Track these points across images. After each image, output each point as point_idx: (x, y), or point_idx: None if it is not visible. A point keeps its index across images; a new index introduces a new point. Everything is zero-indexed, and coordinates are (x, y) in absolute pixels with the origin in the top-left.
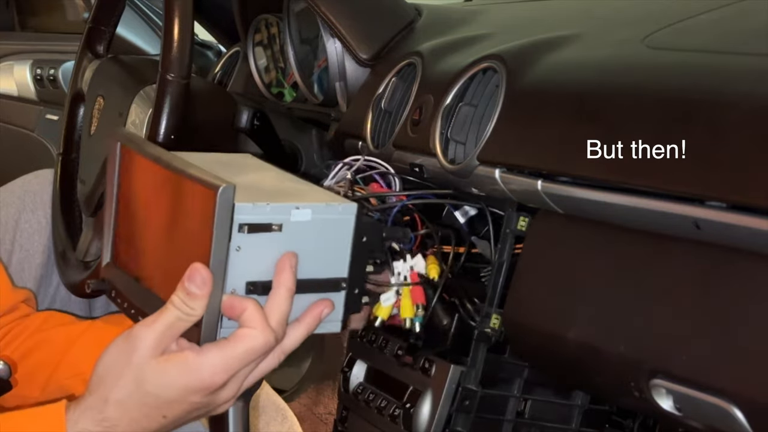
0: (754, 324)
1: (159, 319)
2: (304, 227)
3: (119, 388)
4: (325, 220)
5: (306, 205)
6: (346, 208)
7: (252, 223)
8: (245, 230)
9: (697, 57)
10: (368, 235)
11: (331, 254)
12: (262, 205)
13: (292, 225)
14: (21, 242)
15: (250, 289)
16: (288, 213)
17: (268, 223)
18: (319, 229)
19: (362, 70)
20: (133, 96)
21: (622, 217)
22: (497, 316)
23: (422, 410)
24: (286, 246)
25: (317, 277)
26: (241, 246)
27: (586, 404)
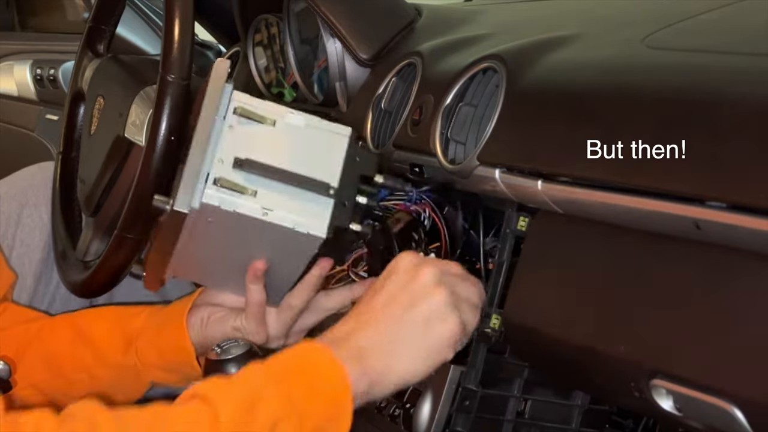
0: (754, 324)
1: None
2: (297, 131)
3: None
4: (318, 132)
5: (302, 114)
6: (339, 128)
7: (245, 109)
8: (238, 112)
9: (697, 57)
10: (361, 157)
11: (323, 161)
12: (259, 100)
13: (286, 125)
14: (22, 237)
15: (238, 163)
16: (283, 113)
17: (262, 115)
18: (311, 137)
19: (362, 70)
20: (134, 96)
21: (622, 217)
22: (497, 316)
23: (422, 410)
24: (278, 139)
25: (308, 175)
26: (233, 126)
27: (586, 404)
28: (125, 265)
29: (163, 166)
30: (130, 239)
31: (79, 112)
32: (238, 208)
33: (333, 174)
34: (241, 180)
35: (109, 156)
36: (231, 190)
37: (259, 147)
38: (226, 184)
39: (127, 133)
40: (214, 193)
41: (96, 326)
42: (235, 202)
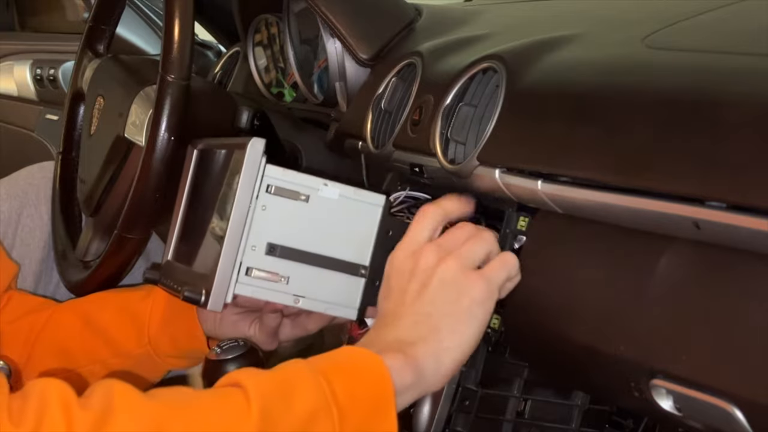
0: (754, 324)
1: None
2: (330, 205)
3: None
4: (351, 204)
5: (335, 185)
6: (374, 198)
7: (279, 186)
8: (272, 191)
9: (697, 57)
10: (394, 230)
11: (355, 239)
12: (292, 173)
13: (319, 199)
14: (22, 237)
15: (270, 249)
16: (317, 187)
17: (296, 191)
18: (345, 211)
19: (362, 70)
20: (134, 96)
21: (622, 217)
22: (497, 316)
23: (422, 410)
24: (311, 218)
25: (339, 258)
26: (266, 206)
27: (586, 404)
28: (125, 265)
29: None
30: (130, 239)
31: (79, 112)
32: (270, 297)
33: (364, 254)
34: (274, 267)
35: (109, 156)
36: (263, 279)
37: (291, 227)
38: (259, 275)
39: (127, 133)
40: (246, 284)
41: (104, 314)
42: (267, 291)
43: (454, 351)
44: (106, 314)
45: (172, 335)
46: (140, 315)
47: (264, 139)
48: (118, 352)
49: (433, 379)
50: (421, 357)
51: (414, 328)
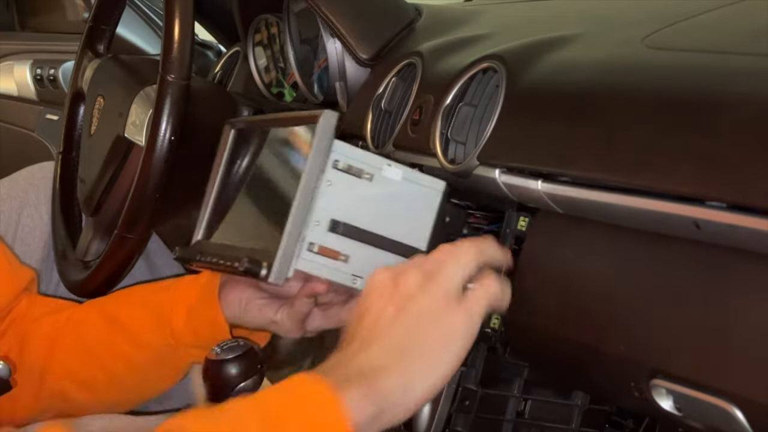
0: (754, 324)
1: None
2: (393, 186)
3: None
4: (413, 186)
5: (399, 166)
6: (435, 182)
7: (346, 163)
8: (338, 166)
9: (697, 57)
10: (451, 217)
11: (413, 222)
12: (357, 150)
13: (383, 179)
14: (22, 237)
15: (333, 226)
16: (381, 166)
17: (361, 168)
18: (406, 193)
19: (362, 70)
20: (134, 96)
21: (622, 217)
22: (497, 316)
23: (422, 410)
24: (373, 197)
25: (397, 240)
26: (332, 182)
27: (586, 404)
28: (125, 265)
29: (163, 166)
30: (130, 239)
31: (79, 112)
32: (329, 275)
33: (422, 238)
34: (335, 245)
35: (109, 156)
36: (324, 255)
37: (354, 205)
38: (321, 250)
39: (127, 133)
40: (308, 260)
41: (126, 310)
42: (327, 268)
43: (423, 383)
44: (126, 309)
45: (194, 325)
46: (162, 306)
47: (337, 113)
48: (140, 345)
49: (398, 411)
50: (387, 388)
51: (383, 357)
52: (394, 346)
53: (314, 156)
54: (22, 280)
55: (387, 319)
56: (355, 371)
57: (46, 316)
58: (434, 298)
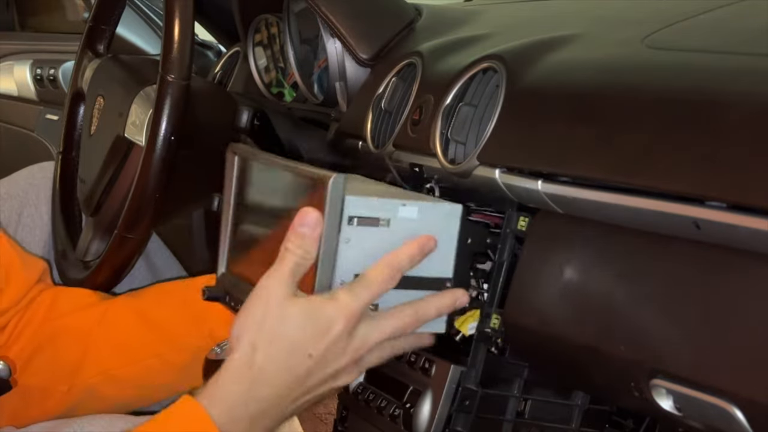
0: (754, 324)
1: (282, 265)
2: (410, 224)
3: (264, 332)
4: (430, 219)
5: (413, 203)
6: (452, 209)
7: (361, 216)
8: (354, 222)
9: (697, 57)
10: (472, 236)
11: (436, 253)
12: (371, 199)
13: (399, 221)
14: (22, 236)
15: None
16: (395, 209)
17: (376, 217)
18: (425, 227)
19: (362, 70)
20: (134, 96)
21: (622, 217)
22: (497, 316)
23: (422, 410)
24: (393, 241)
25: (423, 275)
26: (350, 238)
27: (586, 404)
28: (125, 265)
29: (163, 166)
30: (131, 239)
31: (79, 112)
32: None
33: (447, 266)
34: None
35: (109, 156)
36: None
37: (376, 253)
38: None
39: (127, 133)
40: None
41: (162, 311)
42: None
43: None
44: (163, 310)
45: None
46: (199, 308)
47: (345, 174)
48: (177, 347)
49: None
50: (266, 426)
51: (279, 408)
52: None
53: (329, 221)
54: (34, 272)
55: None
56: (244, 414)
57: (78, 311)
58: (348, 379)
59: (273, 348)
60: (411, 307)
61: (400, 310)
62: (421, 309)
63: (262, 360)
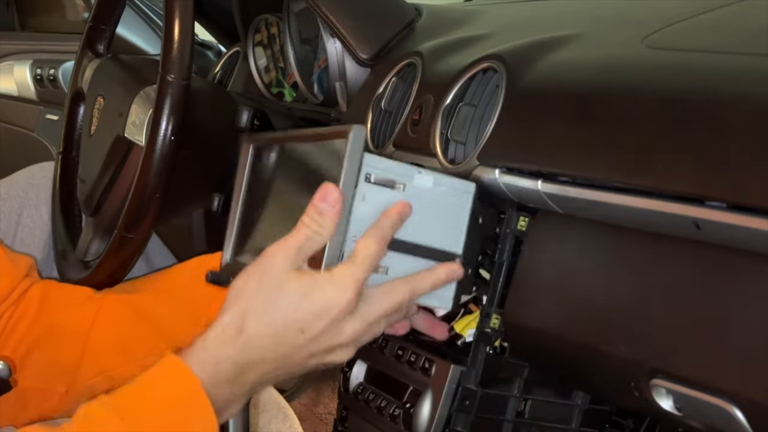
0: (754, 324)
1: (291, 238)
2: (424, 193)
3: (260, 301)
4: (444, 192)
5: (429, 173)
6: (466, 185)
7: (378, 175)
8: (371, 179)
9: (697, 57)
10: (484, 217)
11: (448, 227)
12: (388, 161)
13: (414, 188)
14: (22, 237)
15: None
16: (412, 175)
17: (393, 179)
18: (438, 199)
19: (362, 70)
20: (134, 96)
21: (622, 217)
22: (497, 316)
23: (422, 410)
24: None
25: (434, 246)
26: (366, 196)
27: (586, 404)
28: (125, 265)
29: (163, 166)
30: (130, 239)
31: (79, 112)
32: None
33: (457, 241)
34: None
35: (109, 156)
36: None
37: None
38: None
39: (127, 133)
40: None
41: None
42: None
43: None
44: (161, 307)
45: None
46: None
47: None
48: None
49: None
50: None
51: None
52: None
53: (347, 172)
54: (21, 267)
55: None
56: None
57: (72, 308)
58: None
59: (264, 318)
60: (406, 283)
61: (395, 287)
62: (417, 284)
63: (253, 328)
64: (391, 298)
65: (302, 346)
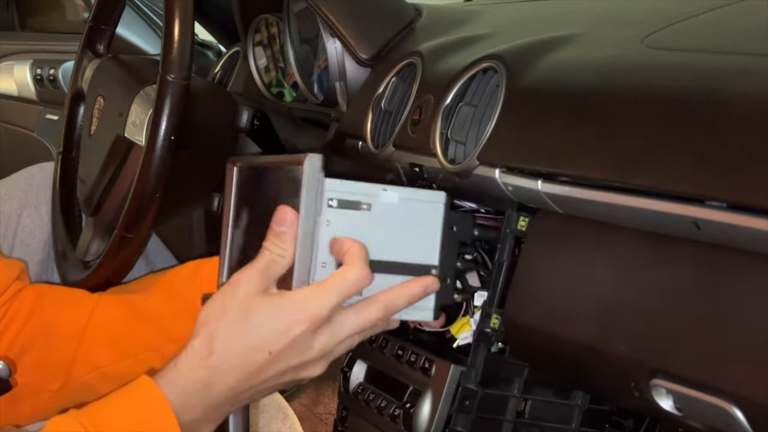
0: (753, 324)
1: (256, 263)
2: (392, 209)
3: (226, 323)
4: (413, 205)
5: (394, 188)
6: (434, 195)
7: (341, 199)
8: (334, 204)
9: (697, 57)
10: (458, 225)
11: (421, 240)
12: (350, 182)
13: (381, 206)
14: (22, 237)
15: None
16: (377, 194)
17: (357, 200)
18: (407, 213)
19: (362, 70)
20: (134, 96)
21: (622, 217)
22: (497, 316)
23: (422, 410)
24: (375, 226)
25: (409, 261)
26: (330, 221)
27: (586, 404)
28: (125, 265)
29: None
30: (131, 239)
31: (79, 112)
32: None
33: (433, 253)
34: None
35: (109, 156)
36: None
37: (357, 237)
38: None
39: (127, 133)
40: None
41: (154, 305)
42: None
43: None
44: (154, 304)
45: None
46: (191, 297)
47: (321, 155)
48: (172, 338)
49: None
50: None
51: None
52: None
53: (305, 200)
54: (13, 269)
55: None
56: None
57: (66, 307)
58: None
59: (232, 340)
60: (378, 302)
61: (368, 305)
62: (390, 302)
63: (221, 350)
64: (362, 317)
65: (270, 365)
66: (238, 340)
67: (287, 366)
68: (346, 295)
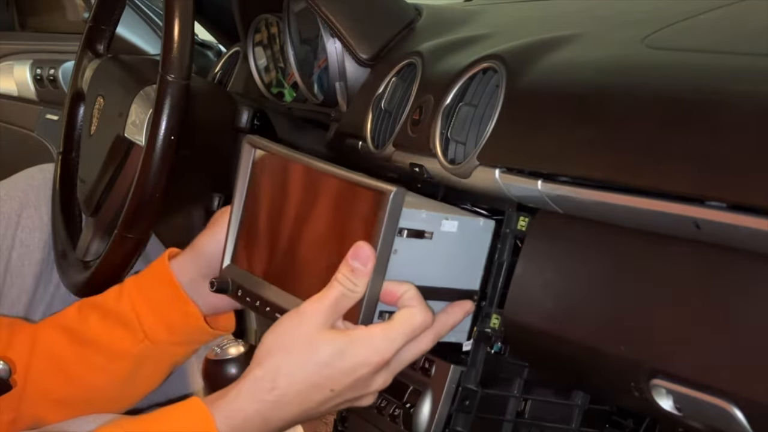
0: (754, 324)
1: (325, 295)
2: (450, 237)
3: (292, 357)
4: (467, 233)
5: (454, 217)
6: (486, 224)
7: (410, 228)
8: (404, 234)
9: (697, 57)
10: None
11: (466, 266)
12: (419, 212)
13: (441, 234)
14: (22, 238)
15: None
16: (439, 222)
17: (423, 230)
18: (461, 241)
19: (362, 70)
20: (134, 96)
21: (622, 217)
22: (497, 316)
23: (422, 410)
24: (434, 253)
25: (453, 287)
26: (397, 249)
27: (586, 404)
28: (125, 265)
29: (163, 166)
30: (131, 239)
31: (79, 112)
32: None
33: (475, 279)
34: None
35: (109, 156)
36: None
37: (418, 265)
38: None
39: (127, 133)
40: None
41: (90, 326)
42: None
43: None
44: (90, 325)
45: (166, 321)
46: (125, 314)
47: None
48: (115, 356)
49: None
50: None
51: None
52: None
53: (385, 235)
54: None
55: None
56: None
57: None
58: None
59: (297, 377)
60: (432, 332)
61: (423, 338)
62: (441, 330)
63: (285, 386)
64: (418, 350)
65: (329, 401)
66: (303, 377)
67: (343, 400)
68: (412, 338)
